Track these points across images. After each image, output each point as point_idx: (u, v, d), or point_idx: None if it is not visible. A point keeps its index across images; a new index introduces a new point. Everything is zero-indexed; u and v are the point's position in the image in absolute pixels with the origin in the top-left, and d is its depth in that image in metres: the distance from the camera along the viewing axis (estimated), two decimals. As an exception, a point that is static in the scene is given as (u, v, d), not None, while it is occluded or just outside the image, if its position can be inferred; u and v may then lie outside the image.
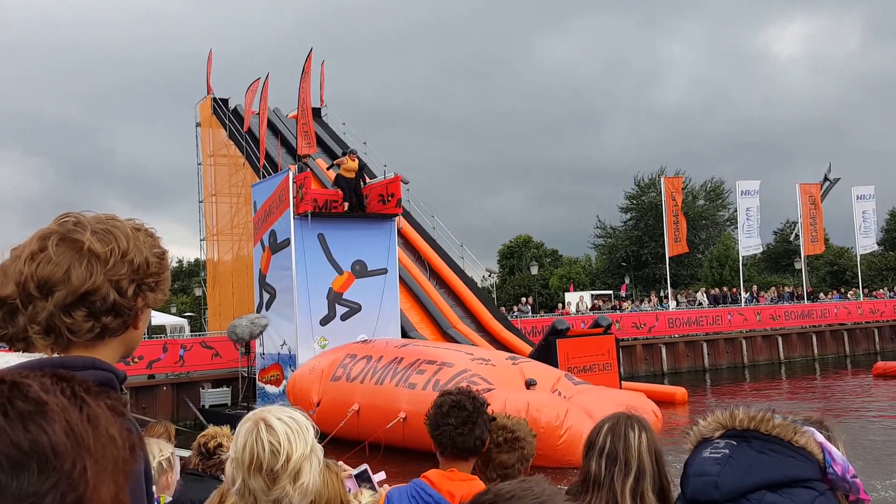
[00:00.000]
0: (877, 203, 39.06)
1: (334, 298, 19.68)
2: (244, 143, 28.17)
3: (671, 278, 36.15)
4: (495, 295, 39.30)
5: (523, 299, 33.94)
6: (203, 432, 4.24)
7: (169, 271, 1.48)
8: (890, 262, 51.73)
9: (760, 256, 52.73)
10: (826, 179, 40.68)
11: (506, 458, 2.98)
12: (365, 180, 20.86)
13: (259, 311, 20.62)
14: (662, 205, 34.22)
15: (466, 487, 2.76)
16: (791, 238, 47.56)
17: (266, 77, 26.40)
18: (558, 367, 17.05)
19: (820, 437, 1.82)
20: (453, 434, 2.86)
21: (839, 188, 40.76)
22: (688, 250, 36.80)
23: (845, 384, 24.40)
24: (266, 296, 20.61)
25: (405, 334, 20.52)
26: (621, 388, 18.19)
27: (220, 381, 22.75)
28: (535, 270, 49.17)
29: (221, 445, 3.93)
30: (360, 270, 20.03)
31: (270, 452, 1.93)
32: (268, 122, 26.09)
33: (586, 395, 14.53)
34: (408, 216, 25.53)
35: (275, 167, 25.16)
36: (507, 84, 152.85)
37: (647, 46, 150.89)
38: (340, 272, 19.82)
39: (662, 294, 38.13)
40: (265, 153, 26.02)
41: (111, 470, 0.70)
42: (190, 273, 65.11)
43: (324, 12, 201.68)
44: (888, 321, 35.37)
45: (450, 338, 21.54)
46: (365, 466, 3.44)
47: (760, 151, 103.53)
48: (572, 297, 41.11)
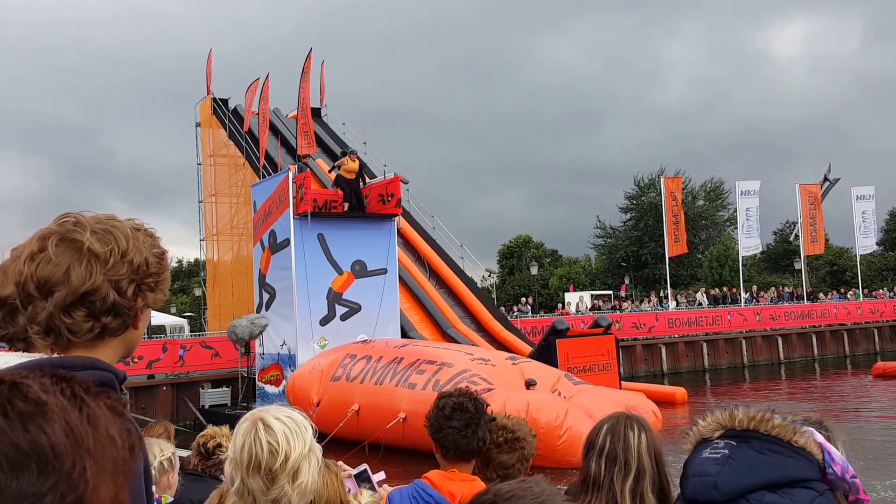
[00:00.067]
0: (877, 203, 39.10)
1: (334, 298, 19.67)
2: (244, 144, 28.17)
3: (671, 278, 36.14)
4: (495, 295, 39.29)
5: (523, 299, 33.92)
6: (202, 432, 4.23)
7: (169, 271, 1.48)
8: (890, 263, 51.73)
9: (760, 257, 52.74)
10: (826, 180, 40.66)
11: (506, 459, 2.98)
12: (365, 180, 20.87)
13: (259, 311, 20.61)
14: (662, 205, 34.23)
15: (467, 488, 2.76)
16: (791, 238, 47.55)
17: (266, 77, 26.40)
18: (558, 368, 17.05)
19: (819, 438, 1.82)
20: (457, 437, 2.85)
21: (839, 188, 40.79)
22: (687, 251, 36.78)
23: (845, 384, 24.39)
24: (266, 296, 20.61)
25: (405, 334, 20.51)
26: (621, 389, 18.20)
27: (220, 382, 22.75)
28: (535, 270, 49.19)
29: (220, 445, 3.93)
30: (360, 270, 20.03)
31: (269, 452, 1.93)
32: (268, 123, 26.07)
33: (586, 396, 14.53)
34: (408, 216, 25.54)
35: (275, 167, 25.15)
36: (507, 84, 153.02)
37: (647, 46, 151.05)
38: (340, 272, 19.82)
39: (662, 294, 38.11)
40: (265, 153, 26.02)
41: (111, 470, 0.70)
42: (190, 273, 65.10)
43: (324, 12, 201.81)
44: (888, 321, 35.37)
45: (449, 338, 21.53)
46: (364, 466, 3.43)
47: (760, 151, 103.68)
48: (572, 298, 41.12)
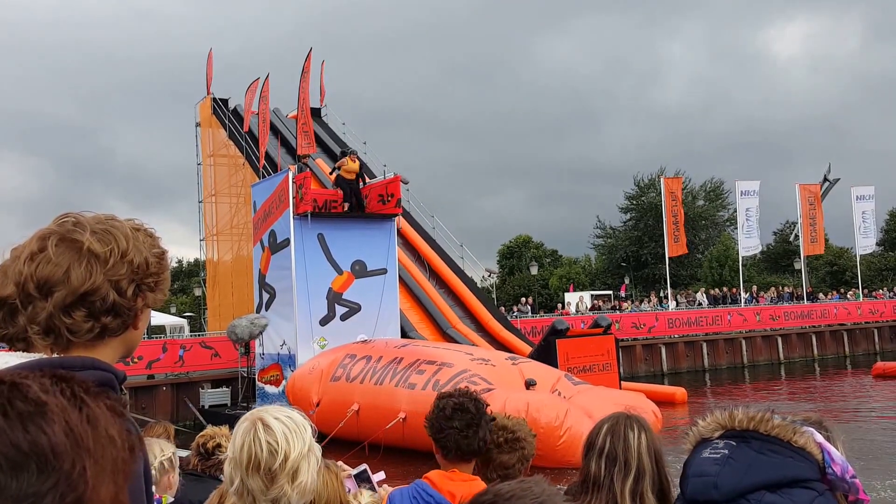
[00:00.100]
0: (876, 203, 39.12)
1: (334, 298, 19.67)
2: (244, 144, 28.16)
3: (671, 278, 36.14)
4: (495, 295, 39.29)
5: (523, 299, 33.92)
6: (201, 433, 4.23)
7: (168, 271, 1.48)
8: (889, 263, 51.74)
9: (760, 257, 52.74)
10: (826, 180, 40.64)
11: (506, 459, 2.98)
12: (364, 180, 20.87)
13: (259, 312, 20.61)
14: (662, 205, 34.22)
15: (467, 488, 2.76)
16: (791, 238, 47.54)
17: (266, 77, 26.39)
18: (558, 368, 17.05)
19: (819, 438, 1.82)
20: (458, 437, 2.85)
21: (839, 188, 40.77)
22: (687, 251, 36.78)
23: (845, 384, 24.39)
24: (266, 296, 20.60)
25: (405, 334, 20.51)
26: (621, 389, 18.20)
27: (220, 382, 22.75)
28: (535, 270, 49.21)
29: (220, 446, 3.92)
30: (360, 270, 20.03)
31: (268, 452, 1.93)
32: (268, 123, 26.06)
33: (586, 396, 14.53)
34: (407, 216, 25.54)
35: (274, 167, 25.14)
36: (507, 84, 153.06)
37: (647, 46, 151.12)
38: (340, 272, 19.82)
39: (662, 294, 38.11)
40: (265, 153, 26.02)
41: (110, 470, 0.70)
42: (189, 273, 65.09)
43: (324, 12, 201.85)
44: (888, 321, 35.37)
45: (449, 338, 21.53)
46: (364, 466, 3.43)
47: (760, 151, 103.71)
48: (572, 298, 41.13)
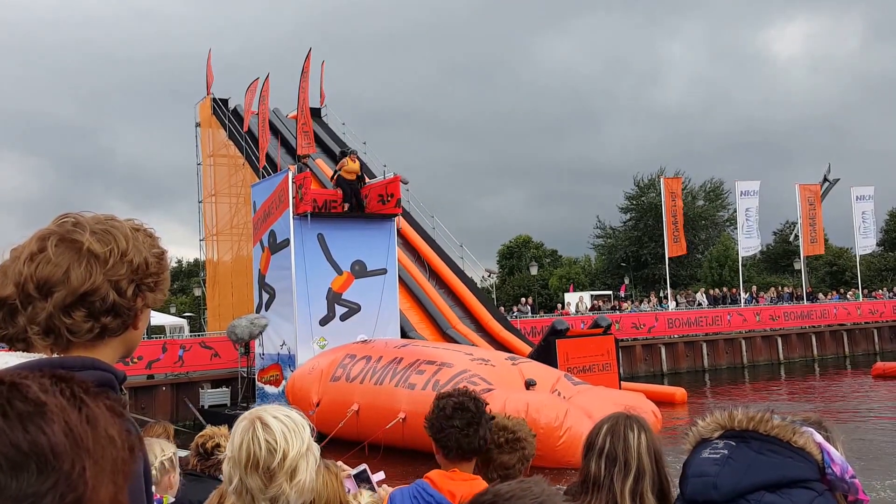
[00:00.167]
0: (876, 203, 39.14)
1: (334, 299, 19.67)
2: (244, 144, 28.15)
3: (671, 279, 36.14)
4: (495, 295, 39.29)
5: (523, 299, 33.92)
6: (201, 433, 4.23)
7: (168, 271, 1.48)
8: (889, 263, 51.75)
9: (760, 257, 52.76)
10: (825, 180, 40.62)
11: (507, 459, 2.98)
12: (364, 181, 20.87)
13: (258, 312, 20.60)
14: (662, 205, 34.22)
15: (468, 487, 2.76)
16: (790, 238, 47.52)
17: (266, 77, 26.38)
18: (558, 368, 17.04)
19: (818, 438, 1.82)
20: (459, 436, 2.86)
21: (839, 189, 40.76)
22: (686, 251, 36.78)
23: (844, 385, 24.38)
24: (265, 296, 20.60)
25: (404, 334, 20.51)
26: (621, 389, 18.19)
27: (220, 382, 22.74)
28: (535, 271, 49.19)
29: (219, 446, 3.92)
30: (360, 271, 20.03)
31: (267, 451, 1.94)
32: (268, 123, 26.05)
33: (586, 396, 14.53)
34: (407, 216, 25.53)
35: (274, 167, 25.13)
36: (507, 84, 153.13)
37: (647, 46, 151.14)
38: (340, 272, 19.82)
39: (662, 294, 38.12)
40: (265, 153, 26.02)
41: (110, 470, 0.70)
42: (189, 273, 65.07)
43: (324, 12, 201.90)
44: (887, 322, 35.36)
45: (449, 338, 21.53)
46: (364, 466, 3.43)
47: (760, 152, 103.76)
48: (572, 298, 41.13)
